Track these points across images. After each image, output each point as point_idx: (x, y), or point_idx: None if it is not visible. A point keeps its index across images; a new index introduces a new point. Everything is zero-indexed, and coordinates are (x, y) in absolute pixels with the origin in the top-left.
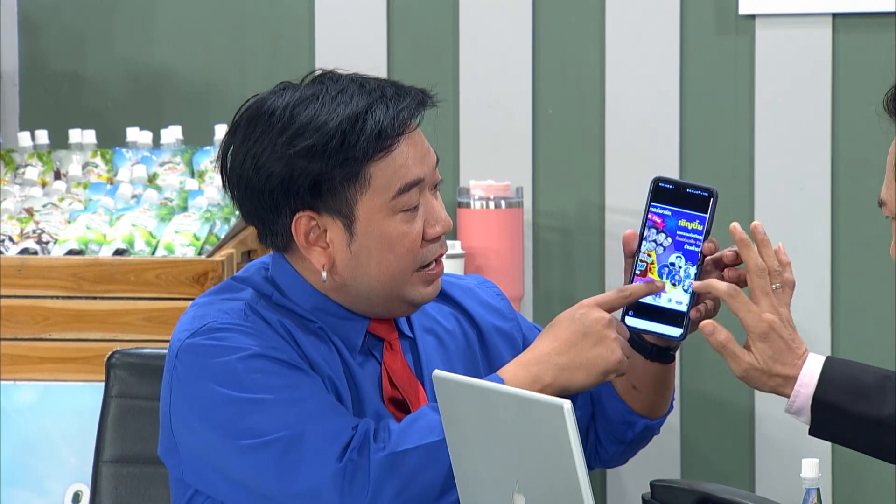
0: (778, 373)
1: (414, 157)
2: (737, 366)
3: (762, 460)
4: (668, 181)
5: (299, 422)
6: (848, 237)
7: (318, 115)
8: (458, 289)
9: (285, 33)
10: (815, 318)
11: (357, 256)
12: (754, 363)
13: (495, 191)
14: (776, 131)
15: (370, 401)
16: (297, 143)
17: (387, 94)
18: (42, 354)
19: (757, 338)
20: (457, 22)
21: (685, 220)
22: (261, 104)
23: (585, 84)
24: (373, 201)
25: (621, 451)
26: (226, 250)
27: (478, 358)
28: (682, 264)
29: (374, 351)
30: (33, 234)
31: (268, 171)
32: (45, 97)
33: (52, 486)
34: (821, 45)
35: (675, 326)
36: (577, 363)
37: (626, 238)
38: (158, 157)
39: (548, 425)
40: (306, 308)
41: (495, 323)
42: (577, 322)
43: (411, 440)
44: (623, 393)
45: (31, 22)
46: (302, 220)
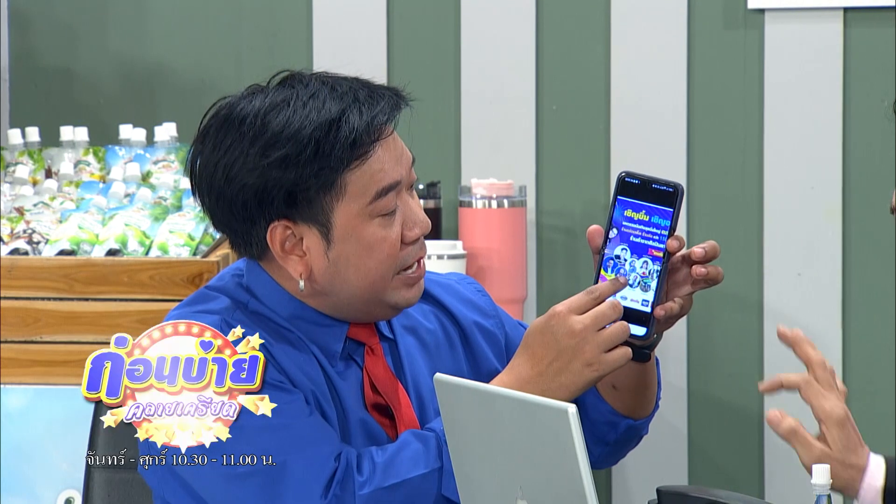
0: (853, 464)
1: (390, 161)
2: (809, 454)
3: (772, 466)
4: (634, 176)
5: (281, 451)
6: (860, 236)
7: (291, 122)
8: (437, 286)
9: (282, 26)
10: (827, 319)
11: (335, 264)
12: (828, 452)
13: (498, 189)
14: (786, 128)
15: (354, 411)
16: (270, 154)
17: (359, 97)
18: (33, 357)
19: (834, 425)
20: (458, 14)
21: (650, 216)
22: (230, 110)
23: (590, 79)
24: (349, 208)
25: (606, 453)
26: (221, 250)
27: (461, 356)
28: (646, 263)
29: (355, 356)
30: (24, 233)
31: (241, 183)
32: (36, 93)
33: (42, 493)
34: (832, 40)
35: (639, 325)
36: (557, 384)
37: (591, 234)
38: (152, 154)
39: (552, 429)
40: (283, 316)
41: (477, 320)
42: (551, 337)
43: (398, 474)
44: (604, 393)
45: (22, 16)
46: (277, 230)
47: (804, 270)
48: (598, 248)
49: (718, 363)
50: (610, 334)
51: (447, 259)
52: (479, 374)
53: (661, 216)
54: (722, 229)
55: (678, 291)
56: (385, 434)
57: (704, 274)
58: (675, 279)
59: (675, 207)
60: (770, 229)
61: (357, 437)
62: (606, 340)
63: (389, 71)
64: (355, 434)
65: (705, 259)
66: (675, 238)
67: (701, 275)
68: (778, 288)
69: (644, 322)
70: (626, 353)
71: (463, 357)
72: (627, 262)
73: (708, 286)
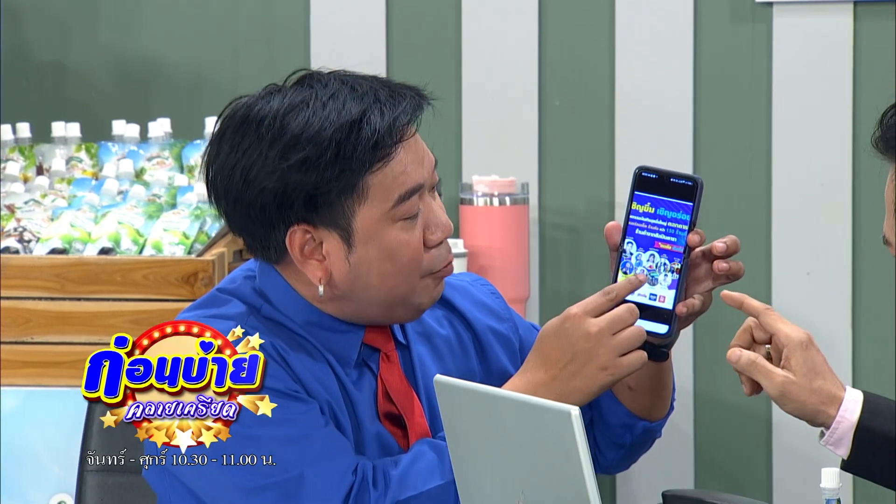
0: (820, 387)
1: (412, 163)
2: (771, 382)
3: (780, 469)
4: (651, 170)
5: (298, 463)
6: (869, 234)
7: (311, 123)
8: (451, 289)
9: (280, 19)
10: (836, 318)
11: (356, 268)
12: (791, 378)
13: (500, 187)
14: (795, 124)
15: (368, 422)
16: (289, 156)
17: (380, 97)
18: (24, 358)
19: (796, 348)
20: (459, 7)
21: (669, 211)
22: (247, 111)
23: (594, 74)
24: (371, 212)
25: (621, 456)
26: (217, 249)
27: (474, 362)
28: (664, 259)
29: (370, 362)
30: (14, 232)
31: (259, 186)
32: (28, 88)
33: (34, 497)
34: (841, 34)
35: (660, 323)
36: (570, 388)
37: (609, 230)
38: (146, 151)
39: (555, 432)
40: (298, 322)
41: (491, 324)
42: (565, 340)
43: (414, 486)
44: (620, 395)
45: (13, 9)
46: (297, 234)
47: (813, 269)
48: (616, 246)
49: (725, 365)
50: (626, 338)
51: None
52: (492, 380)
53: (682, 210)
54: (729, 227)
55: (698, 287)
56: (397, 445)
57: (726, 269)
58: (694, 275)
59: (694, 201)
60: (778, 227)
61: (371, 448)
62: (622, 344)
63: (389, 64)
64: (369, 445)
65: (727, 254)
66: (695, 233)
67: (723, 270)
68: (786, 287)
69: (665, 320)
70: (641, 356)
71: (476, 363)
72: (633, 256)
73: (729, 282)
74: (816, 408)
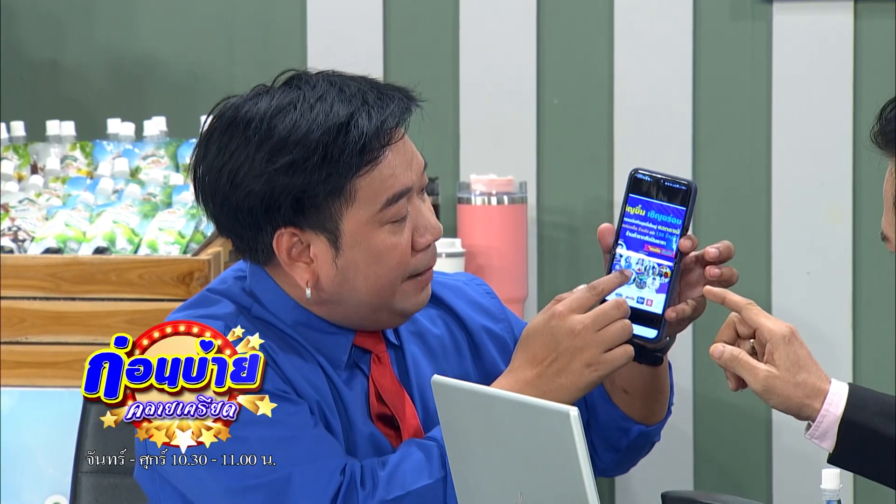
0: (804, 381)
1: (400, 166)
2: (754, 377)
3: (780, 470)
4: (646, 173)
5: (286, 464)
6: (870, 234)
7: (298, 126)
8: (445, 288)
9: (276, 18)
10: (836, 318)
11: (344, 272)
12: (774, 372)
13: (497, 186)
14: (795, 123)
15: (360, 423)
16: (276, 159)
17: (368, 100)
18: (18, 359)
19: (779, 342)
20: (457, 5)
21: (661, 214)
22: (235, 112)
23: (593, 72)
24: (358, 215)
25: (617, 459)
26: (212, 249)
27: (468, 362)
28: (653, 262)
29: (361, 363)
30: (9, 231)
31: (246, 189)
32: (22, 86)
33: (29, 499)
34: (842, 32)
35: (648, 327)
36: (555, 385)
37: (601, 232)
38: (141, 150)
39: (553, 433)
40: (288, 323)
41: (485, 324)
42: (550, 338)
43: (402, 485)
44: (615, 398)
45: (8, 7)
46: (284, 237)
47: (813, 269)
48: (609, 248)
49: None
50: (610, 333)
51: (445, 257)
52: (486, 380)
53: (673, 214)
54: (729, 227)
55: (691, 293)
56: (391, 446)
57: (718, 275)
58: (687, 280)
59: (687, 206)
60: (778, 226)
61: (364, 449)
62: (607, 340)
63: (386, 62)
64: (362, 446)
65: (719, 260)
66: (687, 238)
67: (715, 276)
68: (786, 287)
69: (654, 324)
70: (626, 351)
71: (471, 363)
72: (623, 258)
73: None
74: (801, 401)
